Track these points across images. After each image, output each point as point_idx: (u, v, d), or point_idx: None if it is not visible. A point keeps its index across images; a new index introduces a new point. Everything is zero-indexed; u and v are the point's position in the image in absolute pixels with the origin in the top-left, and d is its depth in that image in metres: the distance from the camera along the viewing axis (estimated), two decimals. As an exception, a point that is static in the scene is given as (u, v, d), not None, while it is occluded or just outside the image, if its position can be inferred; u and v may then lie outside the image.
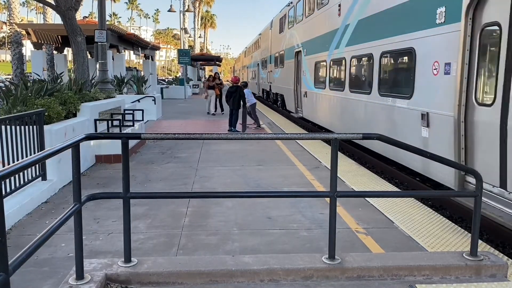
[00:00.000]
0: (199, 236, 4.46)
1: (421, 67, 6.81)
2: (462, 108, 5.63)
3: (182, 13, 38.93)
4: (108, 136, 6.23)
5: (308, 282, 3.40)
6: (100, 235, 4.46)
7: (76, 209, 2.95)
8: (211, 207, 5.36)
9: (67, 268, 3.48)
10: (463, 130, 5.66)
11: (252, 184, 6.64)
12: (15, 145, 5.18)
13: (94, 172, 7.36)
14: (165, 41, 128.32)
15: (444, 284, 3.38)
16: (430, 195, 6.61)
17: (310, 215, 5.11)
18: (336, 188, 3.41)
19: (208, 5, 69.85)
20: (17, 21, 20.60)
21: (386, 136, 3.56)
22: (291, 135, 3.69)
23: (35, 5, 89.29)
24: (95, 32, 10.92)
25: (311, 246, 4.20)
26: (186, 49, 34.32)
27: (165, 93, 27.06)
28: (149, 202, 5.48)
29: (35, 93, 7.03)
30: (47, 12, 24.54)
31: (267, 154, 8.97)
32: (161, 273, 3.34)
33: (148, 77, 20.67)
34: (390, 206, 5.40)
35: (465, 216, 6.10)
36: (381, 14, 8.46)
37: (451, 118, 5.78)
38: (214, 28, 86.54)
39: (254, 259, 3.55)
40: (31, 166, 3.43)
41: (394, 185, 7.58)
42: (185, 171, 7.43)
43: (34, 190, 5.48)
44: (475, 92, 5.49)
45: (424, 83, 6.72)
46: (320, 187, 6.45)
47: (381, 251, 4.09)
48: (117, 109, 9.73)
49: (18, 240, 4.24)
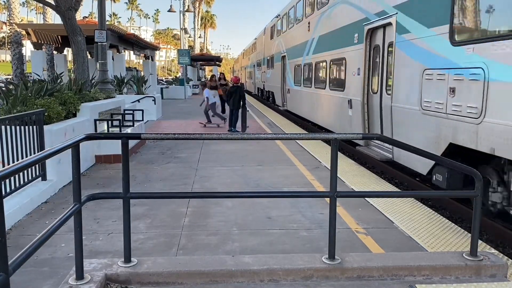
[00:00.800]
0: (199, 236, 4.46)
1: (348, 70, 10.40)
2: (365, 96, 9.21)
3: (182, 13, 38.92)
4: (108, 136, 6.22)
5: (308, 282, 3.40)
6: (100, 235, 4.46)
7: (76, 209, 2.95)
8: (211, 207, 5.37)
9: (67, 268, 3.48)
10: (366, 108, 9.21)
11: (252, 184, 6.64)
12: (15, 145, 5.18)
13: (94, 172, 7.36)
14: (165, 41, 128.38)
15: (444, 284, 3.38)
16: (430, 195, 6.61)
17: (310, 215, 5.11)
18: (336, 188, 3.41)
19: (208, 5, 69.89)
20: (17, 21, 20.60)
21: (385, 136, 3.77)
22: (291, 135, 3.69)
23: (35, 5, 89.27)
24: (95, 32, 10.93)
25: (311, 246, 4.20)
26: (186, 49, 34.33)
27: (165, 93, 27.06)
28: (149, 202, 5.48)
29: (35, 93, 7.03)
30: (47, 12, 24.54)
31: (267, 154, 8.97)
32: (161, 273, 3.34)
33: (148, 77, 20.68)
34: (390, 206, 5.41)
35: (465, 216, 6.10)
36: (330, 33, 12.05)
37: (360, 101, 9.34)
38: (214, 28, 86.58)
39: (254, 259, 3.55)
40: (31, 166, 3.43)
41: (394, 185, 7.58)
42: (185, 171, 7.43)
43: (34, 190, 5.48)
44: (371, 85, 9.08)
45: (349, 81, 10.27)
46: (320, 187, 6.45)
47: (381, 251, 4.09)
48: (117, 109, 9.74)
49: (18, 240, 4.24)
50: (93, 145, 7.87)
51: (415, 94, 6.96)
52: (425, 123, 6.70)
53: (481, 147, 5.32)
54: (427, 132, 6.64)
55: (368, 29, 8.96)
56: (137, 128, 9.61)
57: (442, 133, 6.23)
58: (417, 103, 6.88)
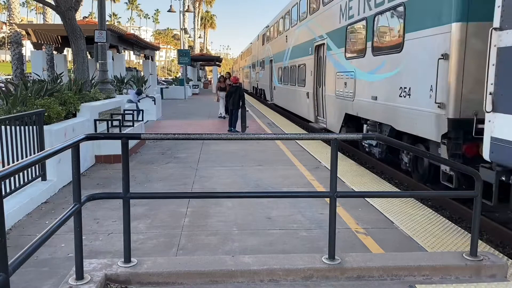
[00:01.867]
0: (199, 236, 4.46)
1: (307, 73, 14.75)
2: (314, 89, 13.54)
3: (182, 13, 38.90)
4: (108, 136, 6.21)
5: (308, 282, 3.40)
6: (100, 235, 4.46)
7: (76, 209, 2.95)
8: (211, 207, 5.36)
9: (67, 268, 3.48)
10: (315, 97, 13.49)
11: (252, 184, 6.64)
12: (15, 145, 5.18)
13: (94, 172, 7.36)
14: (165, 41, 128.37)
15: (444, 284, 3.38)
16: (430, 195, 6.61)
17: (310, 215, 5.11)
18: (336, 188, 3.41)
19: (208, 5, 69.86)
20: (17, 21, 20.58)
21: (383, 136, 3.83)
22: (291, 135, 3.68)
23: (35, 5, 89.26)
24: (95, 32, 10.92)
25: (311, 246, 4.20)
26: (186, 50, 34.32)
27: (165, 93, 27.05)
28: (149, 202, 5.47)
29: (35, 93, 7.03)
30: (47, 12, 24.52)
31: (267, 154, 8.97)
32: (161, 273, 3.34)
33: (148, 78, 20.66)
34: (390, 207, 5.40)
35: (465, 216, 6.10)
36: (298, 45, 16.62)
37: (312, 93, 13.80)
38: (214, 28, 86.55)
39: (254, 259, 3.55)
40: (31, 166, 3.44)
41: (394, 185, 7.58)
42: (185, 171, 7.43)
43: (34, 190, 5.48)
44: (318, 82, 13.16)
45: (308, 80, 14.59)
46: (320, 187, 6.45)
47: (381, 251, 4.09)
48: (117, 109, 9.74)
49: (18, 240, 4.24)
50: (93, 145, 7.87)
51: (333, 86, 11.39)
52: (337, 103, 11.07)
53: (354, 113, 9.83)
54: (338, 108, 10.98)
55: (315, 45, 13.51)
56: (137, 128, 9.61)
57: (343, 108, 10.59)
58: (334, 92, 11.30)
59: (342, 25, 10.57)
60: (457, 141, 5.95)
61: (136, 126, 9.57)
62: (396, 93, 7.60)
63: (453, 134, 5.97)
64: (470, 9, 5.71)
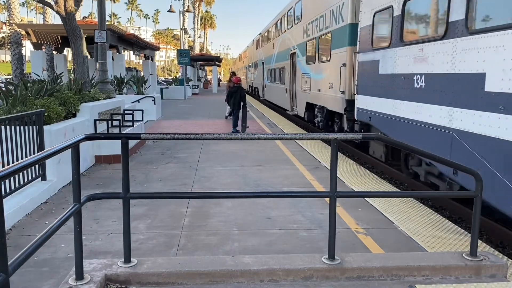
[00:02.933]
0: (199, 236, 4.46)
1: (286, 74, 18.94)
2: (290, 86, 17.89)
3: (182, 13, 38.92)
4: (108, 136, 6.19)
5: (308, 282, 3.40)
6: (99, 235, 4.46)
7: (75, 209, 2.95)
8: (211, 207, 5.36)
9: (67, 268, 3.48)
10: (291, 92, 17.75)
11: (252, 184, 6.64)
12: (15, 145, 5.17)
13: (94, 172, 7.36)
14: (165, 42, 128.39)
15: (443, 284, 3.38)
16: (430, 195, 6.61)
17: (310, 215, 5.11)
18: (336, 189, 3.41)
19: (208, 5, 69.84)
20: (17, 21, 20.57)
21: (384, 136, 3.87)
22: (291, 135, 3.68)
23: (35, 5, 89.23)
24: (95, 32, 10.92)
25: (311, 247, 4.20)
26: (186, 50, 34.34)
27: (165, 93, 27.05)
28: (149, 202, 5.47)
29: (35, 93, 7.03)
30: (47, 12, 24.51)
31: (267, 154, 8.97)
32: (161, 274, 3.34)
33: (148, 78, 20.66)
34: (390, 207, 5.41)
35: (465, 216, 6.10)
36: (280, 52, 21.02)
37: (289, 88, 18.15)
38: (214, 28, 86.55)
39: (254, 260, 3.55)
40: (30, 167, 3.43)
41: (394, 185, 7.59)
42: (185, 171, 7.43)
43: (34, 190, 5.47)
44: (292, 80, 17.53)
45: (286, 78, 18.71)
46: (320, 187, 6.45)
47: (381, 251, 4.09)
48: (117, 109, 9.73)
49: (18, 240, 4.24)
50: (93, 145, 7.87)
51: (300, 83, 15.83)
52: (302, 95, 15.38)
53: (310, 101, 14.11)
54: (303, 98, 15.23)
55: (290, 53, 17.86)
56: (137, 128, 9.61)
57: (304, 98, 14.95)
58: (300, 87, 15.66)
59: (304, 40, 15.34)
60: (350, 112, 9.97)
61: (136, 126, 9.57)
62: (327, 86, 12.13)
63: (348, 108, 10.27)
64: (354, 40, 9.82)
